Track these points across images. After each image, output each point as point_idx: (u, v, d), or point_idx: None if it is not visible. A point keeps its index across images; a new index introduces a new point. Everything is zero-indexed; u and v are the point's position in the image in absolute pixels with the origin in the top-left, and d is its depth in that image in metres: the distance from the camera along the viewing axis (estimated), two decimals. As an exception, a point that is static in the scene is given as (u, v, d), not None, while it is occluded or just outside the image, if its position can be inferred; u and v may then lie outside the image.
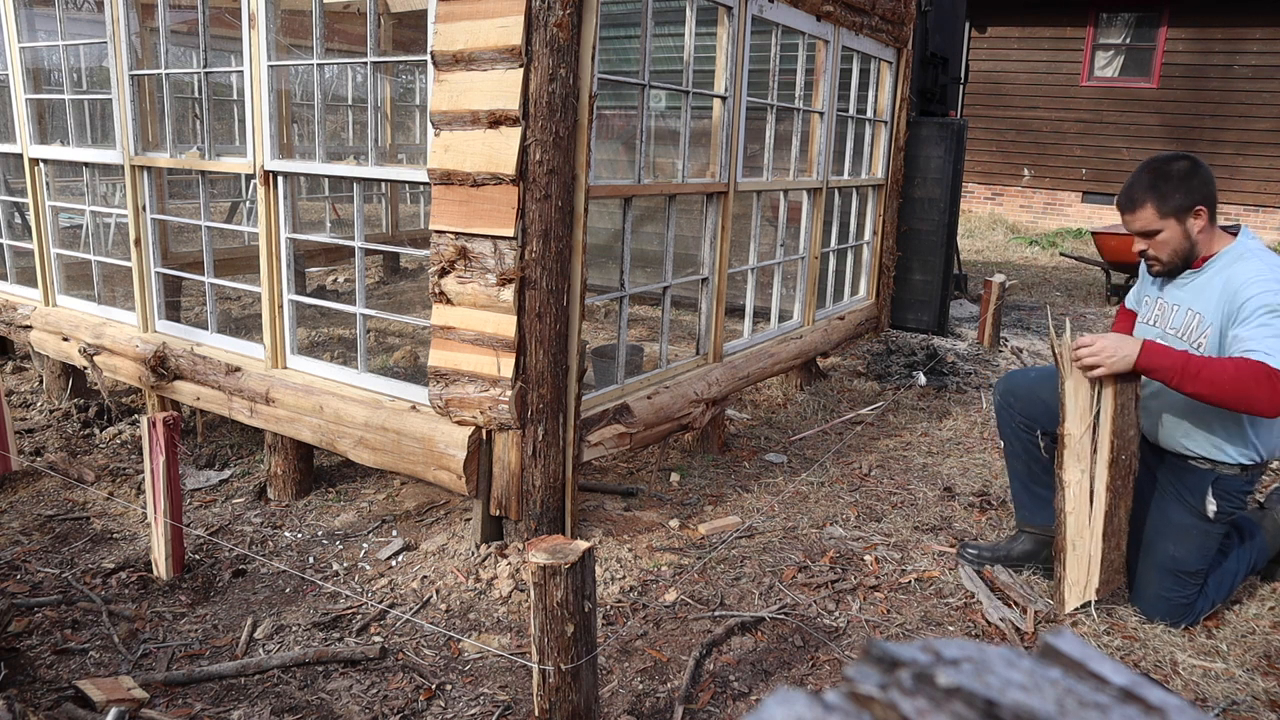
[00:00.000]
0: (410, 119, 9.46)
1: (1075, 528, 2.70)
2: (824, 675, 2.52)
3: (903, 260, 6.36)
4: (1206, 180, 2.54)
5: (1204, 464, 2.65)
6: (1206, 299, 2.55)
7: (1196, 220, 2.53)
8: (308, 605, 2.83)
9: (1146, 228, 2.57)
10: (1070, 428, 2.63)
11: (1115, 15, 12.59)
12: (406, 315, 4.06)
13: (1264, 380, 2.28)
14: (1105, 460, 2.60)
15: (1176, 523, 2.70)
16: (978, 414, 4.85)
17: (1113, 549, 2.69)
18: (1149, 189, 2.54)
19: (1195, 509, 2.66)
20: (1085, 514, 2.68)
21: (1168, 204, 2.52)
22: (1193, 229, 2.54)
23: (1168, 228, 2.55)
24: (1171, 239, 2.56)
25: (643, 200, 6.44)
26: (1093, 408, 2.59)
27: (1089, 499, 2.66)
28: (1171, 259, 2.60)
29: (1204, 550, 2.70)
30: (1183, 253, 2.58)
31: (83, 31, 6.41)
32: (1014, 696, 0.39)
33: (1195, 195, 2.51)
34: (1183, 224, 2.54)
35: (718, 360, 4.11)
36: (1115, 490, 2.63)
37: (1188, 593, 2.72)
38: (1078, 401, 2.61)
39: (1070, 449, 2.65)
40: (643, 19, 3.24)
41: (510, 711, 2.33)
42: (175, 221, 5.45)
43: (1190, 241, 2.56)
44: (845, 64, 4.98)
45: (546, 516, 3.03)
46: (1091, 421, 2.60)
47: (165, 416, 2.85)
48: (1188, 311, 2.59)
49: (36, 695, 2.34)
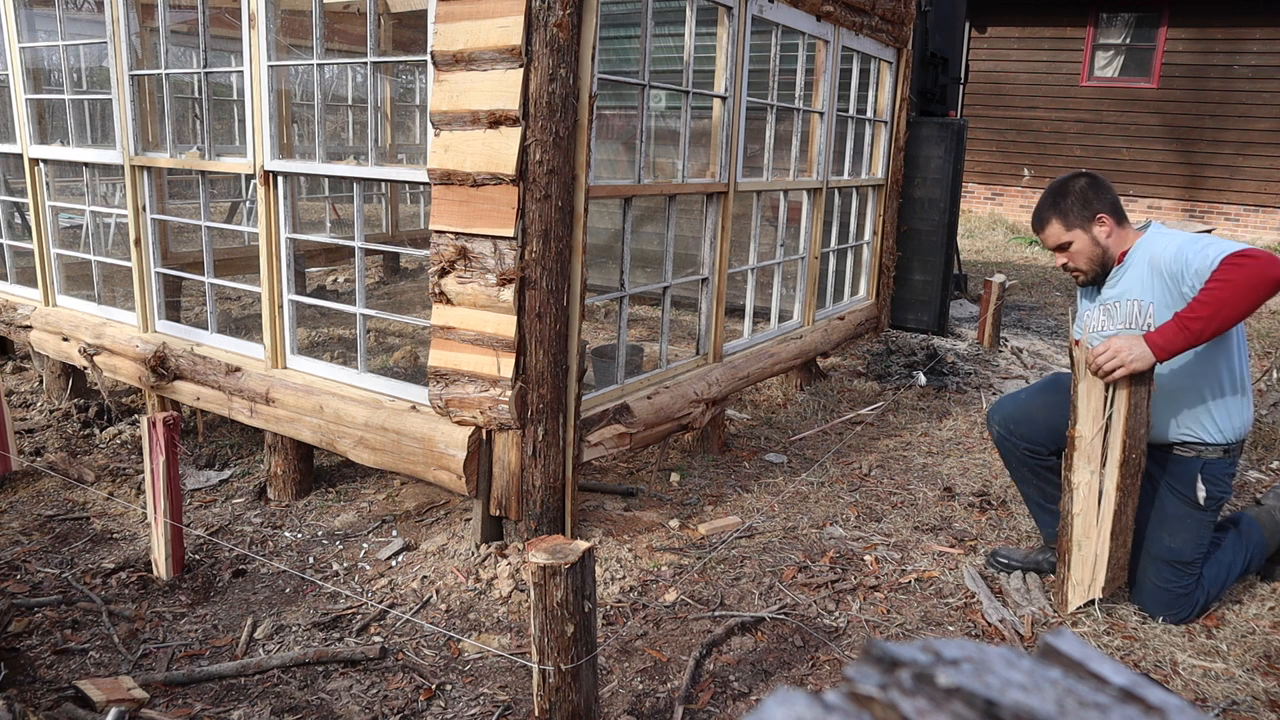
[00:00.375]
0: (410, 119, 9.46)
1: (1082, 528, 2.71)
2: (824, 675, 2.52)
3: (903, 260, 6.36)
4: (1104, 190, 2.73)
5: (1190, 451, 2.73)
6: (1139, 285, 2.67)
7: (1101, 228, 2.71)
8: (308, 605, 2.83)
9: (1058, 242, 2.77)
10: (1082, 429, 2.65)
11: (1115, 15, 12.59)
12: (406, 315, 4.06)
13: (1247, 265, 2.37)
14: (1117, 460, 2.61)
15: (1171, 514, 2.77)
16: (978, 414, 4.85)
17: (1119, 546, 2.71)
18: (1051, 208, 2.76)
19: (1188, 497, 2.74)
20: (1093, 515, 2.68)
21: (1070, 218, 2.73)
22: (1099, 235, 2.72)
23: (1076, 239, 2.73)
24: (1083, 248, 2.74)
25: (643, 200, 6.44)
26: (1106, 410, 2.62)
27: (1097, 500, 2.68)
28: (1090, 266, 2.77)
29: (1199, 538, 2.77)
30: (1097, 258, 2.75)
31: (83, 31, 6.42)
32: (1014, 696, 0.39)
33: (1094, 206, 2.70)
34: (1089, 233, 2.72)
35: (718, 360, 4.11)
36: (1125, 489, 2.64)
37: (1185, 583, 2.77)
38: (1091, 404, 2.63)
39: (1081, 451, 2.66)
40: (643, 19, 3.24)
41: (510, 711, 2.33)
42: (175, 221, 5.45)
43: (1100, 247, 2.73)
44: (845, 64, 4.98)
45: (546, 516, 3.03)
46: (1104, 423, 2.62)
47: (165, 416, 2.85)
48: (1128, 303, 2.70)
49: (36, 695, 2.34)
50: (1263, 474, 4.08)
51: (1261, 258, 2.36)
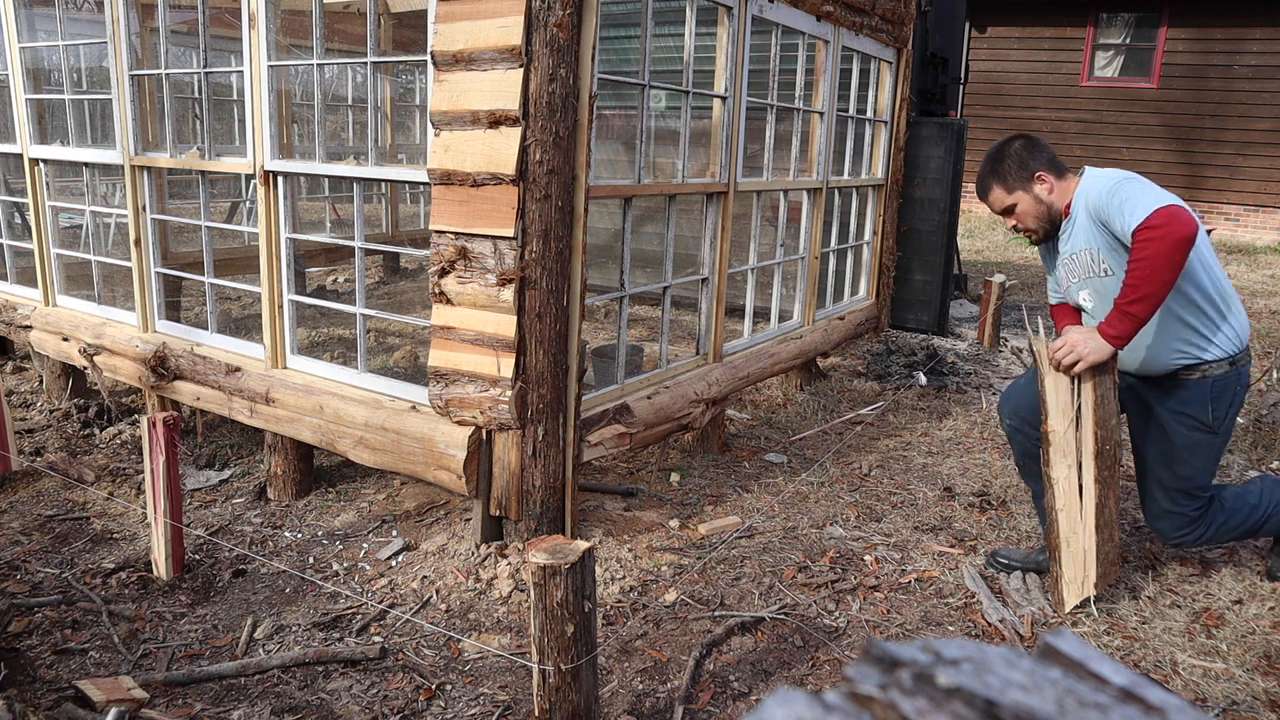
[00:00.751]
0: (410, 119, 9.46)
1: (1068, 524, 2.71)
2: (824, 675, 2.52)
3: (903, 260, 6.36)
4: (1039, 148, 2.75)
5: (1194, 374, 2.70)
6: (1085, 234, 2.69)
7: (1041, 185, 2.73)
8: (308, 605, 2.83)
9: (1002, 205, 2.79)
10: (1054, 424, 2.67)
11: (1115, 15, 12.59)
12: (406, 315, 4.06)
13: (1157, 236, 2.39)
14: (1091, 453, 2.62)
15: (1183, 443, 2.74)
16: (978, 414, 4.85)
17: (1106, 540, 2.71)
18: (991, 174, 2.79)
19: (1199, 422, 2.71)
20: (1076, 509, 2.69)
21: (1009, 180, 2.76)
22: (1041, 193, 2.74)
23: (1019, 200, 2.76)
24: (1028, 208, 2.76)
25: (643, 200, 6.44)
26: (1074, 403, 2.64)
27: (1079, 494, 2.68)
28: (1039, 224, 2.79)
29: (1211, 461, 2.76)
30: (1043, 215, 2.77)
31: (83, 31, 6.42)
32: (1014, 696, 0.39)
33: (1031, 165, 2.73)
34: (1030, 192, 2.74)
35: (718, 360, 4.11)
36: (1103, 481, 2.64)
37: (1198, 505, 2.78)
38: (1058, 398, 2.66)
39: (1056, 445, 2.68)
40: (643, 19, 3.24)
41: (510, 711, 2.33)
42: (175, 221, 5.45)
43: (1044, 204, 2.75)
44: (845, 64, 4.98)
45: (546, 516, 3.03)
46: (1074, 416, 2.65)
47: (165, 416, 2.85)
48: (1083, 253, 2.72)
49: (36, 695, 2.34)
50: (1263, 474, 4.08)
51: (1165, 226, 2.37)
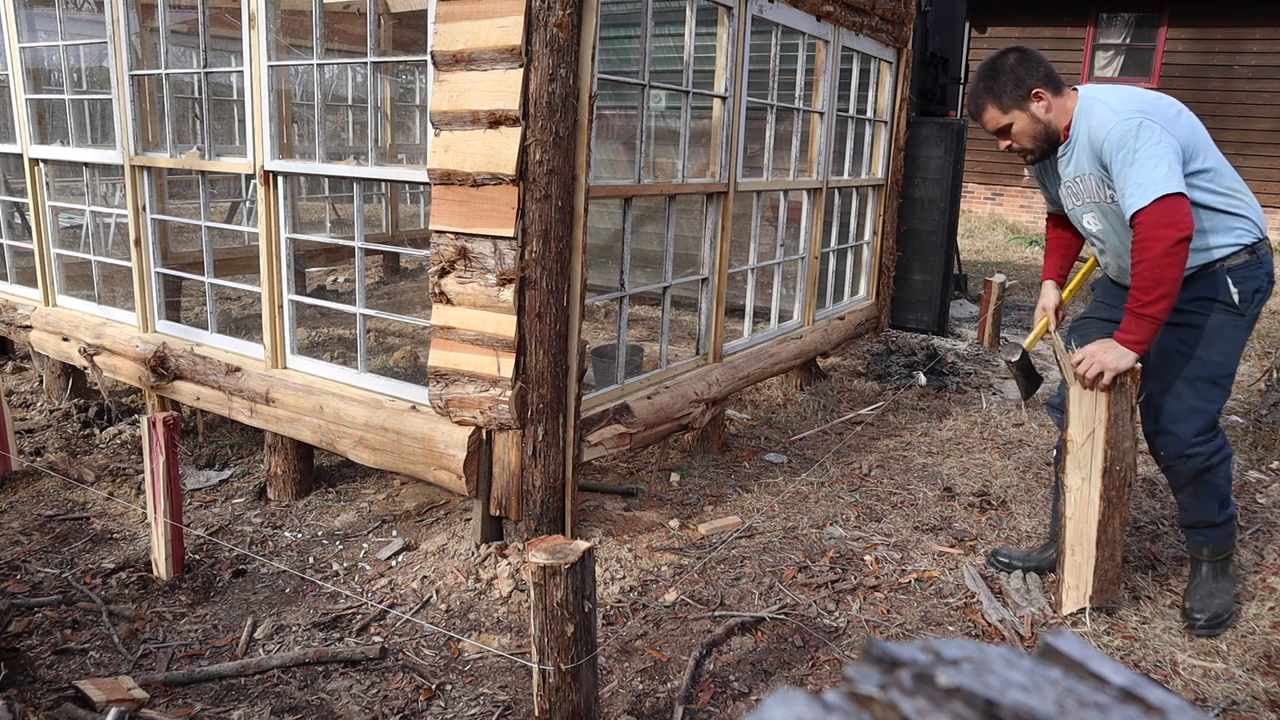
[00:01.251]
0: (410, 119, 9.46)
1: (1075, 533, 2.71)
2: (824, 675, 2.52)
3: (903, 260, 6.36)
4: (1036, 63, 2.59)
5: (1214, 267, 2.61)
6: (1087, 159, 2.58)
7: (1039, 103, 2.58)
8: (308, 605, 2.83)
9: (997, 125, 2.64)
10: (1073, 434, 2.64)
11: (1115, 15, 12.59)
12: (406, 315, 4.06)
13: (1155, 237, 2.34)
14: (1099, 469, 2.60)
15: (1210, 325, 2.60)
16: (978, 414, 4.85)
17: (1106, 559, 2.69)
18: (985, 92, 2.62)
19: (1225, 304, 2.59)
20: (1084, 520, 2.68)
21: (1005, 99, 2.59)
22: (1039, 111, 2.59)
23: (1016, 119, 2.61)
24: (1024, 128, 2.61)
25: (643, 200, 6.44)
26: (1095, 416, 2.60)
27: (1088, 506, 2.67)
28: (1035, 144, 2.65)
29: (1236, 348, 2.63)
30: (1040, 135, 2.62)
31: (83, 31, 6.42)
32: (1014, 696, 0.39)
33: (1028, 82, 2.57)
34: (1026, 110, 2.59)
35: (718, 360, 4.11)
36: (1109, 500, 2.62)
37: (1219, 401, 2.65)
38: (1081, 409, 2.63)
39: (1073, 455, 2.66)
40: (643, 19, 3.24)
41: (510, 711, 2.33)
42: (175, 221, 5.45)
43: (1042, 123, 2.60)
44: (845, 64, 4.98)
45: (546, 516, 3.03)
46: (1093, 430, 2.61)
47: (165, 416, 2.85)
48: (1085, 177, 2.61)
49: (36, 695, 2.34)
50: (1263, 474, 4.08)
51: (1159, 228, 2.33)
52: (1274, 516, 3.61)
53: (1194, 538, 2.83)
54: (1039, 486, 3.86)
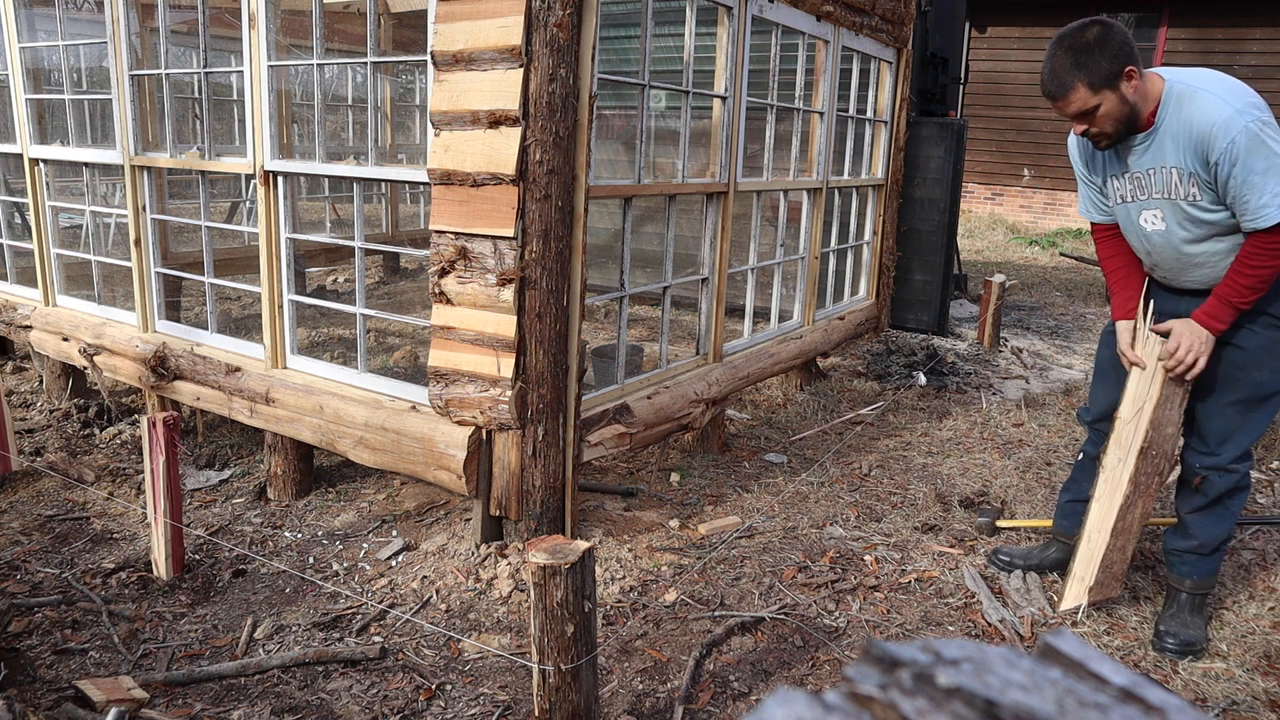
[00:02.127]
0: (410, 119, 9.46)
1: (1096, 518, 2.70)
2: (824, 675, 2.52)
3: (903, 260, 6.36)
4: (1124, 37, 2.36)
5: None
6: (1175, 152, 2.40)
7: (1130, 83, 2.36)
8: (308, 605, 2.83)
9: (1084, 108, 2.39)
10: (1124, 411, 2.64)
11: (1115, 15, 12.59)
12: (406, 315, 4.06)
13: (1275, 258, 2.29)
14: (1138, 448, 2.58)
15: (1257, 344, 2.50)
16: (978, 414, 4.85)
17: (1116, 550, 2.68)
18: (1075, 68, 2.36)
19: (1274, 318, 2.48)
20: (1108, 504, 2.67)
21: (1098, 77, 2.34)
22: (1128, 93, 2.37)
23: (1105, 100, 2.37)
24: (1112, 110, 2.38)
25: (643, 200, 6.44)
26: (1147, 394, 2.58)
27: (1115, 489, 2.66)
28: (1117, 128, 2.43)
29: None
30: (1125, 118, 2.40)
31: (83, 31, 6.42)
32: (1014, 696, 0.39)
33: (1121, 58, 2.33)
34: (1118, 91, 2.36)
35: (718, 360, 4.11)
36: (1138, 484, 2.60)
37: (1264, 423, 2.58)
38: (1138, 388, 2.61)
39: (1117, 433, 2.65)
40: (643, 19, 3.24)
41: (510, 711, 2.33)
42: (175, 221, 5.45)
43: (1129, 104, 2.38)
44: (845, 64, 4.98)
45: (546, 516, 3.03)
46: (1140, 407, 2.58)
47: (165, 416, 2.85)
48: (1164, 170, 2.43)
49: (36, 695, 2.34)
50: (1263, 474, 4.08)
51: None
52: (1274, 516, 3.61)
53: (1180, 566, 2.74)
54: (1039, 486, 3.86)
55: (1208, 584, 2.73)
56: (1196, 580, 2.72)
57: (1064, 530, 3.06)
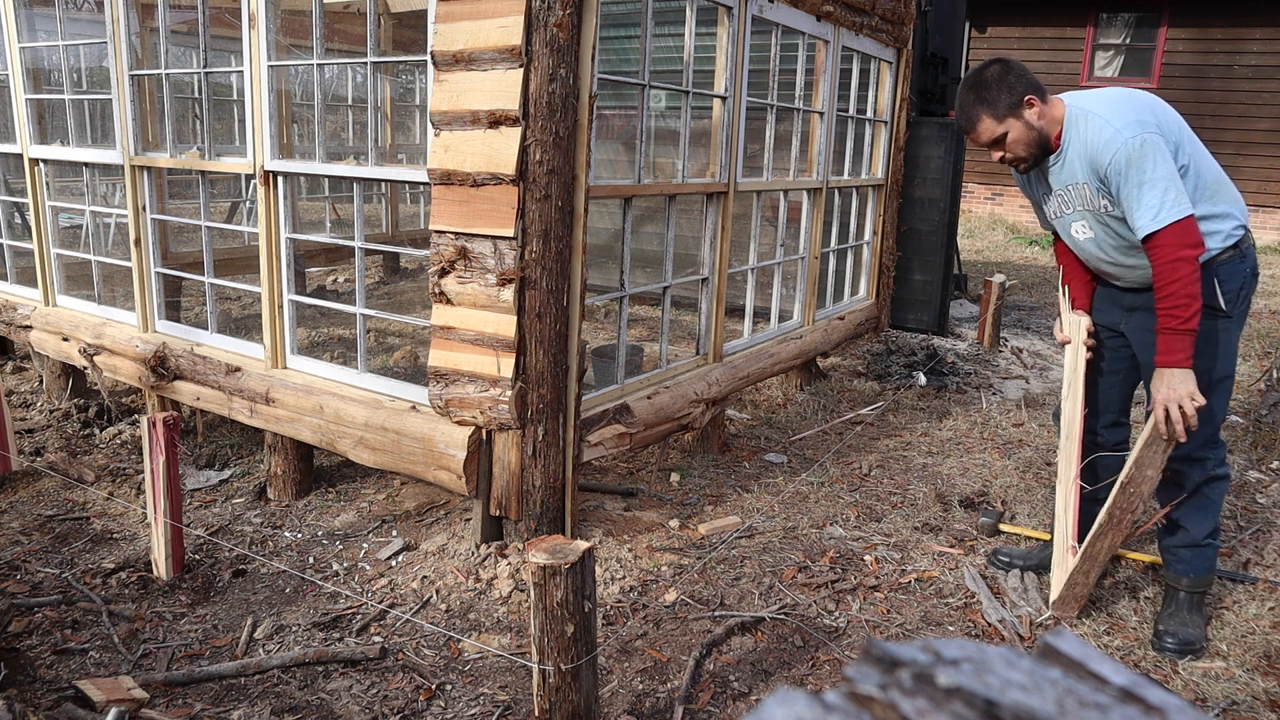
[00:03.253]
0: (410, 119, 9.46)
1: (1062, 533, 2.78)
2: (824, 675, 2.52)
3: (903, 260, 6.36)
4: (1021, 73, 2.61)
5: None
6: (1081, 169, 2.59)
7: (1031, 109, 2.59)
8: (308, 605, 2.83)
9: (992, 136, 2.63)
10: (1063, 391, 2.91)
11: (1115, 15, 12.59)
12: (406, 315, 4.06)
13: (1179, 258, 2.38)
14: (1119, 481, 2.61)
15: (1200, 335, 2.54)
16: (978, 414, 4.85)
17: (1081, 573, 2.71)
18: (977, 103, 2.61)
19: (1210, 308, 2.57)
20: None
21: (999, 108, 2.59)
22: (1032, 119, 2.59)
23: (1011, 128, 2.60)
24: (1020, 136, 2.61)
25: (643, 200, 6.44)
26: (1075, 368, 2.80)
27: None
28: (1030, 152, 2.64)
29: (1229, 349, 2.63)
30: (1035, 142, 2.62)
31: (83, 31, 6.42)
32: (1014, 696, 0.39)
33: (1019, 89, 2.58)
34: (1021, 119, 2.59)
35: (718, 360, 4.11)
36: (1112, 516, 2.62)
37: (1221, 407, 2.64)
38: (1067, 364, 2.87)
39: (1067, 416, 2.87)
40: (643, 19, 3.24)
41: (510, 711, 2.33)
42: (175, 221, 5.45)
43: (1035, 129, 2.60)
44: (845, 64, 4.98)
45: (546, 516, 3.03)
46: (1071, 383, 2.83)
47: (165, 416, 2.85)
48: (1078, 186, 2.63)
49: (36, 695, 2.34)
50: (1263, 474, 4.08)
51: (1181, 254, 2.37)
52: (1274, 516, 3.61)
53: (1175, 565, 2.78)
54: (1039, 486, 3.86)
55: (1204, 581, 2.75)
56: (1193, 578, 2.74)
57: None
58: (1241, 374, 5.68)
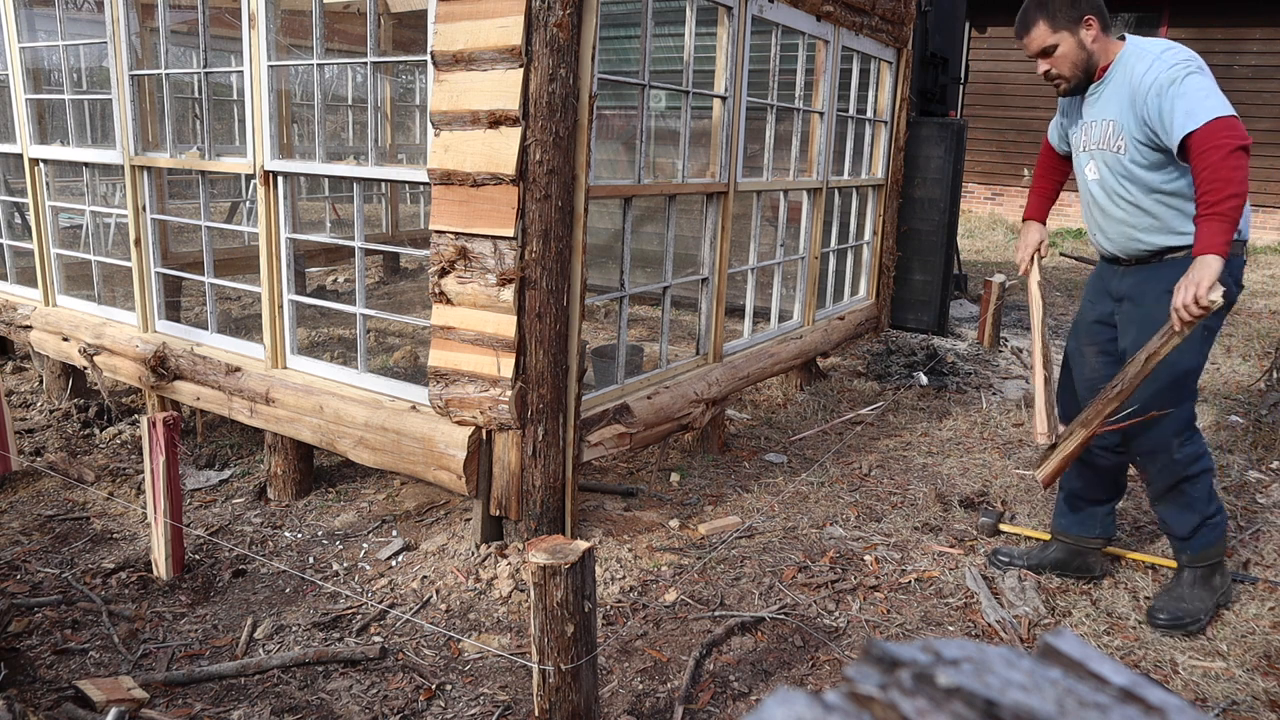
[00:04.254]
0: (410, 119, 9.46)
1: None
2: (824, 675, 2.52)
3: (903, 260, 6.36)
4: None
5: (1181, 253, 2.59)
6: (1116, 104, 2.59)
7: (1088, 30, 2.59)
8: (308, 605, 2.83)
9: (1043, 45, 2.64)
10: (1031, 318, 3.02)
11: (1115, 15, 12.56)
12: (406, 315, 4.06)
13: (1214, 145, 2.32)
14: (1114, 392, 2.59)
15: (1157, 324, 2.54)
16: (978, 414, 4.85)
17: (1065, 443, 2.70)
18: (1038, 8, 2.62)
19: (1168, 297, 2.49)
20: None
21: (1058, 19, 2.59)
22: (1086, 39, 2.60)
23: (1062, 41, 2.61)
24: (1068, 52, 2.62)
25: (643, 200, 6.44)
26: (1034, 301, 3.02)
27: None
28: (1073, 73, 2.65)
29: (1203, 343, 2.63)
30: (1082, 64, 2.63)
31: (83, 31, 6.42)
32: (1014, 696, 0.39)
33: (1082, 6, 2.58)
34: (1075, 35, 2.60)
35: (718, 360, 4.11)
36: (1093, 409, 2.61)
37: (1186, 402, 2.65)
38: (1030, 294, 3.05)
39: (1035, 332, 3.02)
40: (643, 19, 3.24)
41: (510, 711, 2.33)
42: (175, 221, 5.45)
43: (1086, 51, 2.61)
44: (845, 64, 4.98)
45: (546, 516, 3.03)
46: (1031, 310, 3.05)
47: (165, 416, 2.85)
48: (1104, 123, 2.63)
49: (36, 695, 2.34)
50: (1263, 474, 4.08)
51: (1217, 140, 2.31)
52: (1274, 516, 3.61)
53: (1172, 543, 2.88)
54: (1038, 486, 3.86)
55: (1204, 557, 2.78)
56: (1191, 555, 2.80)
57: (1061, 529, 3.07)
58: (1241, 374, 5.68)
